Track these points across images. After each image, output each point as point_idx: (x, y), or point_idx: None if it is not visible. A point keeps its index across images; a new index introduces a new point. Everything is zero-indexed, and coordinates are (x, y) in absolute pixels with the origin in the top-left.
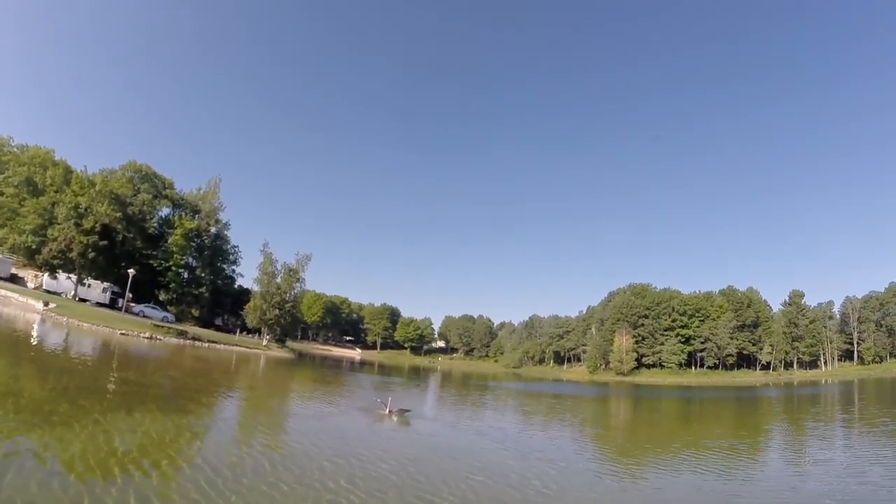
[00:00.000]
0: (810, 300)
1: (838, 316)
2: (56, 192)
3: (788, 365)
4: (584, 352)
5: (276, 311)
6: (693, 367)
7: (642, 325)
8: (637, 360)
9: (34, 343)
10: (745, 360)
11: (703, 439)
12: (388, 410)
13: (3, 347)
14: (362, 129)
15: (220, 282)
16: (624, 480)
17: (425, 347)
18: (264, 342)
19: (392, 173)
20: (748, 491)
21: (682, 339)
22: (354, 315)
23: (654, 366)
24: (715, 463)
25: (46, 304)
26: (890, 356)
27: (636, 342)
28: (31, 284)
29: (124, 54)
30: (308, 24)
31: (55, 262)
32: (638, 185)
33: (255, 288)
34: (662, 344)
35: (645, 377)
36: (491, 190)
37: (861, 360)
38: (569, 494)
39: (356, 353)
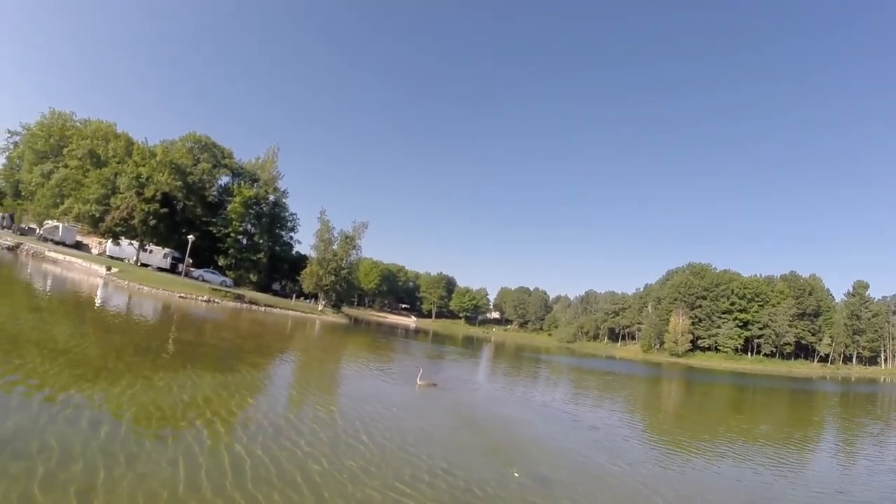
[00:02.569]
0: (875, 292)
1: None
2: (118, 163)
3: (847, 359)
4: (639, 330)
5: (332, 278)
6: (749, 354)
7: (699, 306)
8: (692, 341)
9: (96, 305)
10: (803, 351)
11: (753, 430)
12: (419, 381)
13: (66, 309)
14: (429, 108)
15: (277, 248)
16: (667, 465)
17: (480, 318)
18: (320, 307)
19: (452, 151)
20: (792, 488)
21: (740, 324)
22: (411, 283)
23: (709, 349)
24: (762, 456)
25: (109, 268)
26: None
27: (692, 323)
28: (95, 251)
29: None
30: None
31: (118, 229)
32: (702, 167)
33: (312, 254)
34: (719, 327)
35: (699, 360)
36: (552, 169)
37: None
38: (617, 473)
39: (411, 321)
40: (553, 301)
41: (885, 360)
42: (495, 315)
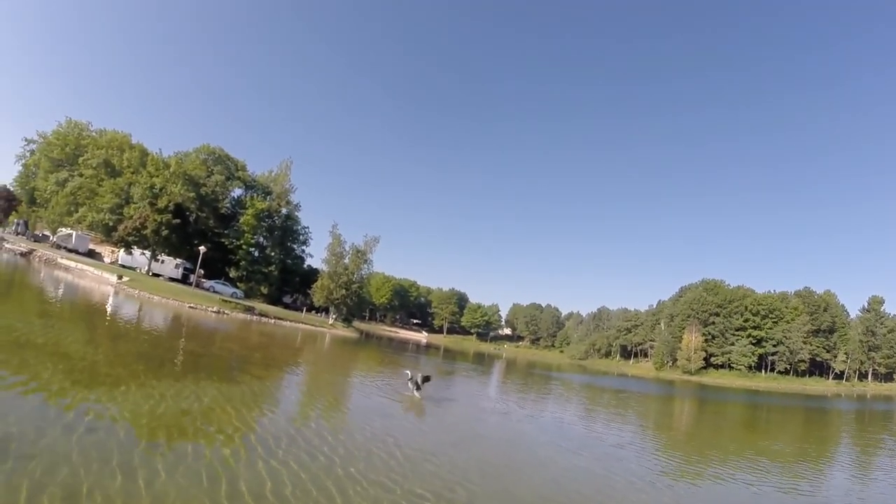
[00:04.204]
0: (891, 308)
1: None
2: (132, 173)
3: (863, 376)
4: (652, 347)
5: (343, 291)
6: (763, 371)
7: (713, 323)
8: (705, 359)
9: (106, 313)
10: (818, 368)
11: (769, 448)
12: (413, 391)
13: (75, 316)
14: (429, 124)
15: (289, 261)
16: (679, 486)
17: (491, 334)
18: (330, 321)
19: (466, 167)
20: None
21: (754, 341)
22: (422, 299)
23: (722, 366)
24: (778, 473)
25: (120, 277)
26: None
27: (705, 340)
28: (107, 259)
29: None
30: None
31: (130, 238)
32: (717, 183)
33: (324, 268)
34: (733, 344)
35: (712, 378)
36: (566, 184)
37: None
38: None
39: (422, 336)
40: (565, 317)
41: None
42: (507, 331)
